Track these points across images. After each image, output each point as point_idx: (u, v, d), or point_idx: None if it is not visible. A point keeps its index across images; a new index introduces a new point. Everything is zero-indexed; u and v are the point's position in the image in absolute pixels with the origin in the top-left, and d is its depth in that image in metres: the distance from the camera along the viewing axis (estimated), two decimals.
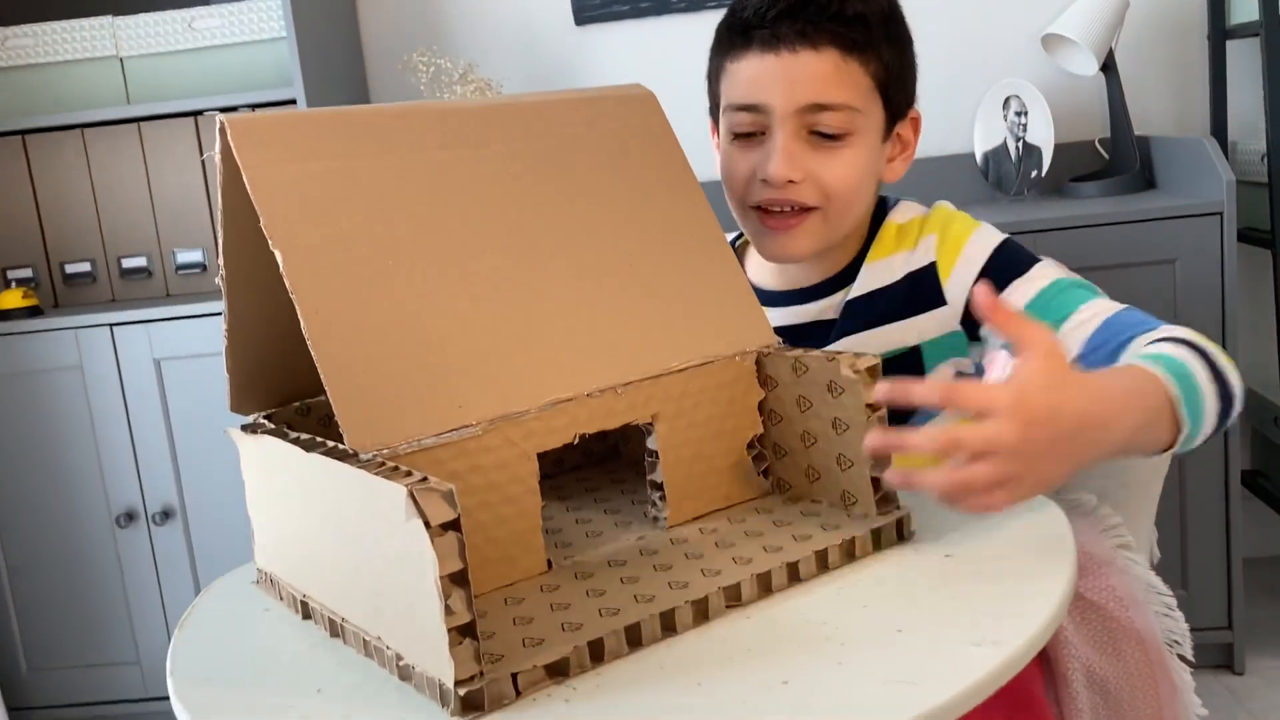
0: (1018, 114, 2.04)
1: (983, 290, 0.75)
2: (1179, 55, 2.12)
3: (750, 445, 0.86)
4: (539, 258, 0.80)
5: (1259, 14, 1.84)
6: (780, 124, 1.02)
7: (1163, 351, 0.87)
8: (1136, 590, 1.08)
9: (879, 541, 0.78)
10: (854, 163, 1.03)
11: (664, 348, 0.82)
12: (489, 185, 0.81)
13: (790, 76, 1.01)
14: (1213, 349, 0.89)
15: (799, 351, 0.83)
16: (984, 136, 2.07)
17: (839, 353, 0.80)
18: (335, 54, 2.11)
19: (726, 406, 0.84)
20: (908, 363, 1.06)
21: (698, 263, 0.87)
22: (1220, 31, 2.04)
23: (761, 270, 1.14)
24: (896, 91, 1.06)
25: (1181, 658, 1.08)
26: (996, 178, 2.06)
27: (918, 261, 1.07)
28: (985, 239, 1.07)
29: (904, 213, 1.12)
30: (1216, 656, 1.87)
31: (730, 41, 1.06)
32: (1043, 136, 2.01)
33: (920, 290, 1.06)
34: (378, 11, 2.27)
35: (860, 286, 1.08)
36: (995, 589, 0.71)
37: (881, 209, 1.12)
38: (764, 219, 1.05)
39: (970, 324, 1.06)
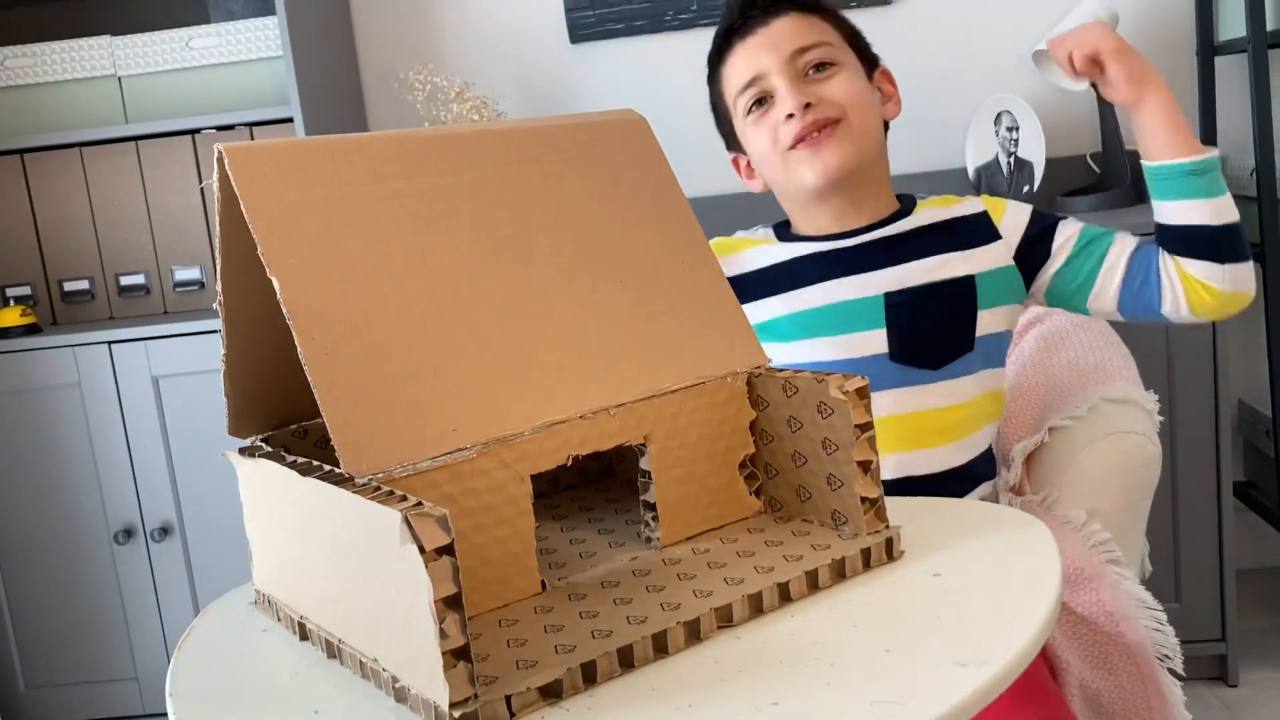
0: (1009, 129, 2.05)
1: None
2: (1168, 71, 2.14)
3: (742, 465, 0.87)
4: (532, 281, 0.81)
5: (1246, 30, 1.86)
6: (779, 74, 1.18)
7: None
8: (1127, 605, 1.10)
9: (868, 561, 0.79)
10: (850, 81, 1.19)
11: (656, 369, 0.83)
12: (483, 210, 0.82)
13: (770, 41, 1.19)
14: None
15: (789, 372, 0.84)
16: (976, 151, 2.09)
17: (828, 374, 0.82)
18: (332, 73, 2.12)
19: (718, 427, 0.85)
20: (962, 291, 1.19)
21: (689, 285, 0.89)
22: (1208, 48, 2.06)
23: (810, 221, 1.25)
24: (861, 45, 1.25)
25: (1172, 672, 1.10)
26: (988, 192, 2.08)
27: (967, 210, 1.24)
28: (1024, 206, 1.25)
29: (937, 197, 1.27)
30: (1210, 668, 1.88)
31: (718, 52, 1.25)
32: (1034, 151, 2.02)
33: (973, 229, 1.22)
34: (374, 31, 2.28)
35: (911, 221, 1.23)
36: (982, 608, 0.72)
37: (911, 199, 1.26)
38: (803, 147, 1.18)
39: (1023, 262, 1.21)
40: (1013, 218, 1.22)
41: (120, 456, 1.95)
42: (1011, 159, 2.05)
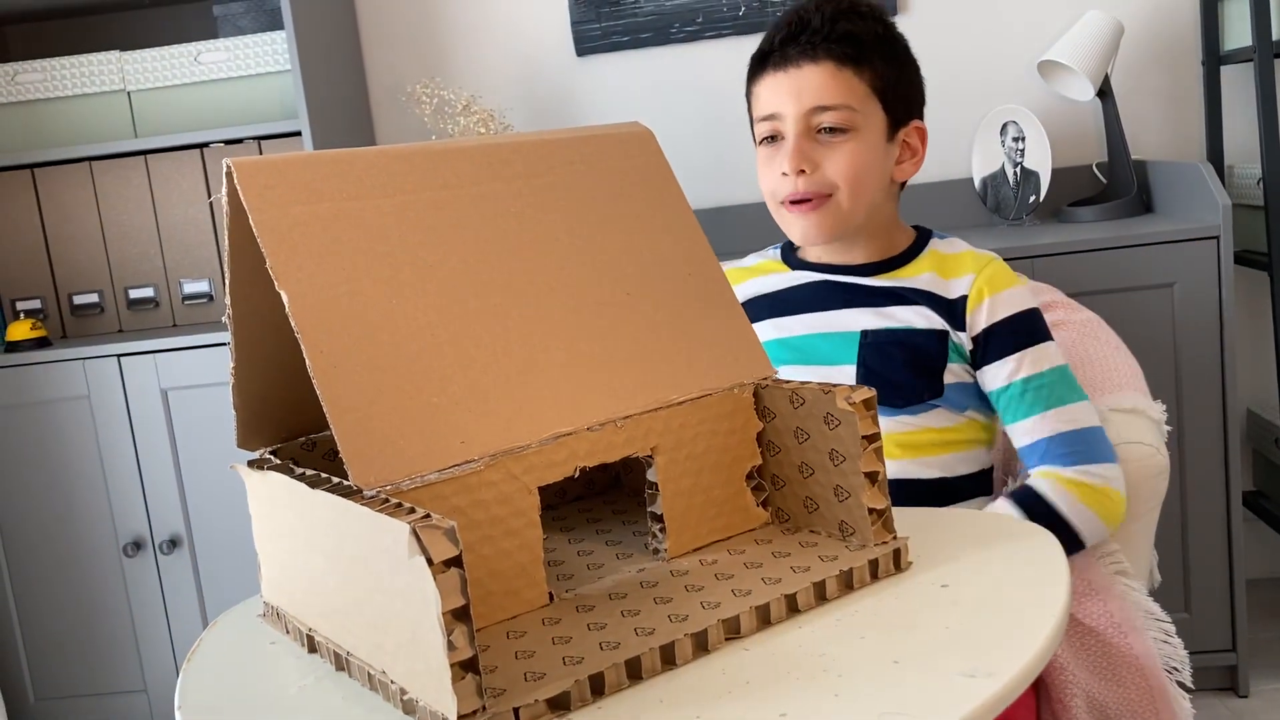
0: (1015, 139, 2.05)
1: None
2: (1174, 81, 2.14)
3: (749, 476, 0.87)
4: (539, 294, 0.82)
5: (1252, 39, 1.86)
6: (792, 126, 1.20)
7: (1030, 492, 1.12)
8: (1135, 616, 1.10)
9: (876, 572, 0.79)
10: (855, 154, 1.19)
11: (663, 381, 0.83)
12: (490, 223, 0.83)
13: (796, 87, 1.20)
14: (1079, 502, 1.11)
15: (795, 384, 0.84)
16: (982, 162, 2.09)
17: (835, 385, 0.82)
18: (340, 87, 2.13)
19: (725, 438, 0.85)
20: (936, 343, 1.19)
21: (696, 297, 0.89)
22: (1215, 57, 2.06)
23: (813, 253, 1.29)
24: (894, 99, 1.23)
25: (1181, 684, 1.09)
26: (995, 203, 2.08)
27: (954, 291, 1.21)
28: (1011, 301, 1.20)
29: (952, 245, 1.26)
30: (1220, 679, 1.87)
31: (754, 69, 1.26)
32: (1040, 162, 2.02)
33: (950, 310, 1.21)
34: (381, 44, 2.30)
35: (911, 277, 1.23)
36: (990, 619, 0.72)
37: (924, 236, 1.27)
38: (789, 209, 1.22)
39: (975, 355, 1.21)
40: (987, 314, 1.19)
41: (129, 469, 1.95)
42: (1018, 169, 2.05)
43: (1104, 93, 2.01)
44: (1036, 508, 1.11)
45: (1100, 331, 1.38)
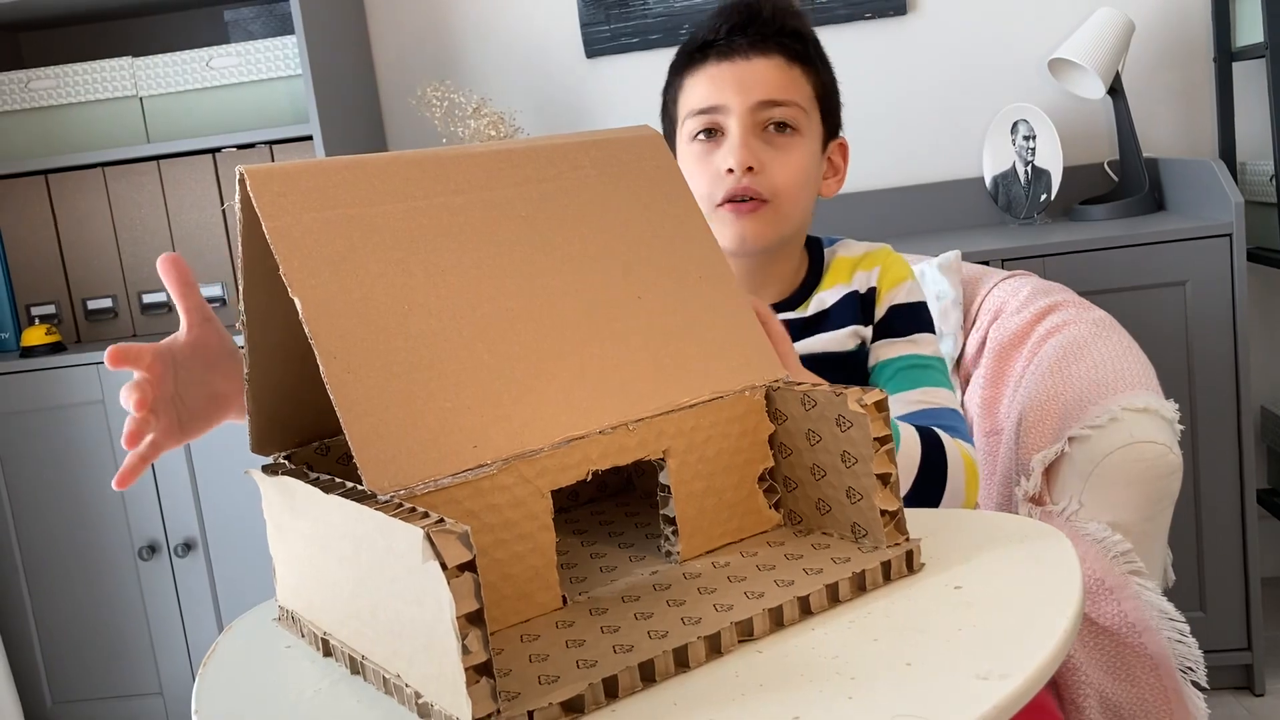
0: (1026, 138, 2.05)
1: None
2: (1185, 78, 2.13)
3: (761, 479, 0.87)
4: (550, 297, 0.82)
5: (1264, 36, 1.86)
6: (738, 120, 1.13)
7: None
8: (1149, 616, 1.09)
9: (889, 573, 0.79)
10: (800, 160, 1.15)
11: (675, 384, 0.83)
12: (501, 228, 0.83)
13: (745, 79, 1.14)
14: (955, 453, 1.06)
15: (807, 385, 0.84)
16: (993, 161, 2.08)
17: (846, 387, 0.82)
18: (350, 90, 2.14)
19: (737, 441, 0.86)
20: (857, 359, 1.19)
21: (706, 299, 0.89)
22: (1226, 53, 2.05)
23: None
24: (829, 109, 1.20)
25: (1195, 684, 1.09)
26: (1006, 202, 2.08)
27: (864, 283, 1.20)
28: (907, 291, 1.21)
29: (850, 248, 1.24)
30: (1235, 677, 1.86)
31: (689, 59, 1.19)
32: (1051, 160, 2.02)
33: (864, 307, 1.20)
34: (391, 48, 2.30)
35: (817, 303, 1.21)
36: (1003, 621, 0.72)
37: (818, 246, 1.24)
38: (728, 209, 1.15)
39: (874, 333, 1.20)
40: (886, 301, 1.19)
41: (144, 473, 1.96)
42: (1029, 168, 2.05)
43: (1115, 90, 2.00)
44: (933, 447, 1.06)
45: (1112, 331, 1.38)
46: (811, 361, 1.15)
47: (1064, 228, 1.95)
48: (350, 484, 0.73)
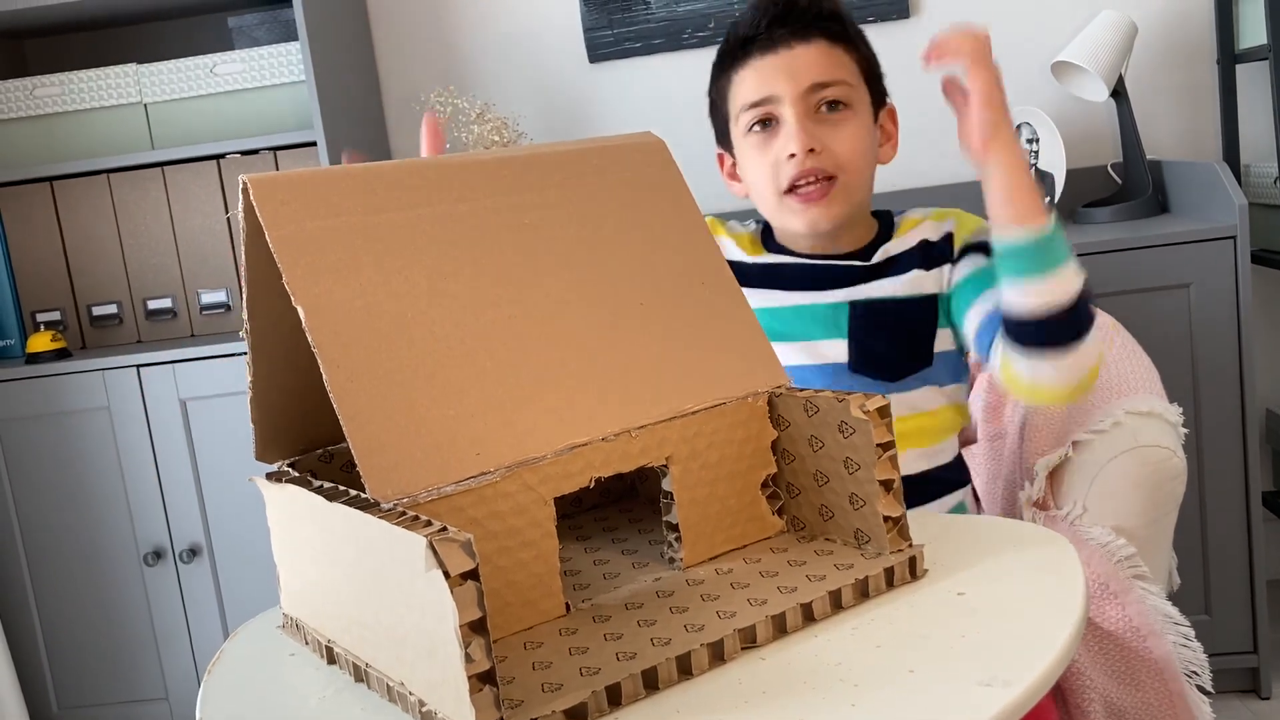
0: (1029, 141, 2.05)
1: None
2: (1189, 80, 2.13)
3: (764, 485, 0.87)
4: (553, 305, 0.82)
5: (1267, 38, 1.86)
6: (791, 107, 1.16)
7: None
8: (1153, 620, 1.09)
9: (892, 580, 0.80)
10: (857, 132, 1.18)
11: (677, 390, 0.83)
12: (504, 236, 0.83)
13: (791, 67, 1.16)
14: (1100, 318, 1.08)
15: (809, 392, 0.84)
16: None
17: (849, 393, 0.82)
18: (354, 96, 2.14)
19: (740, 447, 0.86)
20: (923, 309, 1.19)
21: (709, 305, 0.89)
22: (1229, 55, 2.05)
23: (789, 240, 1.26)
24: (874, 80, 1.22)
25: (1200, 688, 1.09)
26: None
27: (938, 231, 1.22)
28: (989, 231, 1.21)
29: (917, 212, 1.26)
30: (1241, 681, 1.86)
31: (732, 57, 1.22)
32: (1055, 163, 2.02)
33: (939, 250, 1.21)
34: (395, 54, 2.31)
35: (885, 252, 1.22)
36: (1006, 627, 0.72)
37: (887, 215, 1.26)
38: (796, 198, 1.17)
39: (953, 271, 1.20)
40: (971, 238, 1.20)
41: (149, 478, 1.97)
42: (1032, 170, 2.05)
43: (1118, 93, 2.00)
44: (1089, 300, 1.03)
45: (1115, 334, 1.38)
46: (867, 309, 1.18)
47: (1068, 230, 1.94)
48: (353, 492, 0.73)
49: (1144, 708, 1.06)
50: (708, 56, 2.22)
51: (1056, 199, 2.02)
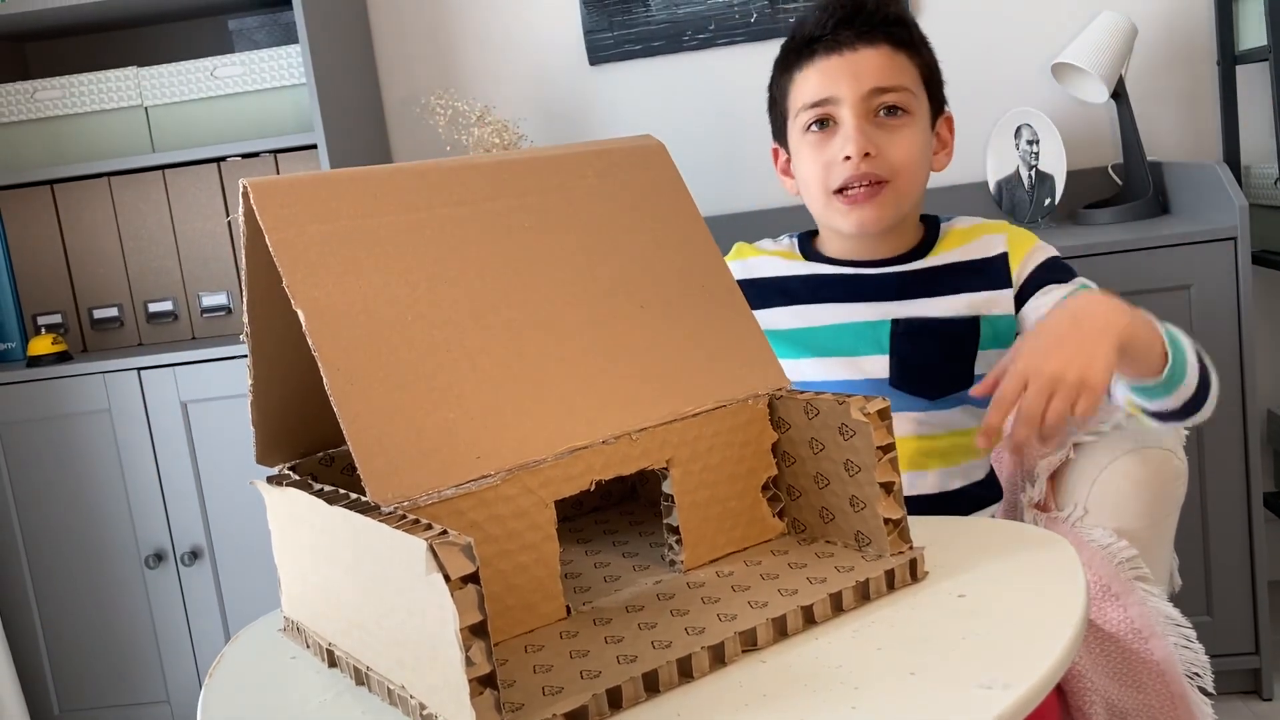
0: (1029, 142, 2.05)
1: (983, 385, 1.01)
2: (1189, 81, 2.13)
3: (765, 487, 0.87)
4: (553, 308, 0.82)
5: (1267, 39, 1.86)
6: (850, 110, 1.17)
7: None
8: (1155, 622, 1.09)
9: (892, 582, 0.80)
10: (913, 140, 1.19)
11: (678, 393, 0.83)
12: (504, 239, 0.83)
13: (854, 69, 1.17)
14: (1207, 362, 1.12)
15: (810, 394, 0.84)
16: (996, 165, 2.08)
17: (849, 396, 0.82)
18: (354, 99, 2.14)
19: (740, 449, 0.86)
20: (967, 330, 1.20)
21: (709, 308, 0.89)
22: (1230, 57, 2.05)
23: (834, 243, 1.27)
24: (934, 87, 1.24)
25: (1203, 689, 1.09)
26: (1010, 206, 2.08)
27: (987, 251, 1.23)
28: (1045, 249, 1.24)
29: (963, 221, 1.27)
30: (1243, 682, 1.86)
31: (796, 55, 1.22)
32: (1055, 164, 2.02)
33: (992, 273, 1.22)
34: (395, 57, 2.31)
35: (932, 260, 1.23)
36: (1007, 630, 0.72)
37: (934, 221, 1.27)
38: (844, 199, 1.19)
39: (1019, 300, 1.21)
40: (1028, 264, 1.21)
41: (150, 481, 1.97)
42: (1032, 172, 2.04)
43: (1118, 94, 2.00)
44: (1200, 356, 1.10)
45: None
46: (909, 326, 1.19)
47: (1068, 232, 1.94)
48: (354, 495, 0.73)
49: (1146, 709, 1.06)
50: (708, 58, 2.24)
51: (1057, 200, 2.02)
